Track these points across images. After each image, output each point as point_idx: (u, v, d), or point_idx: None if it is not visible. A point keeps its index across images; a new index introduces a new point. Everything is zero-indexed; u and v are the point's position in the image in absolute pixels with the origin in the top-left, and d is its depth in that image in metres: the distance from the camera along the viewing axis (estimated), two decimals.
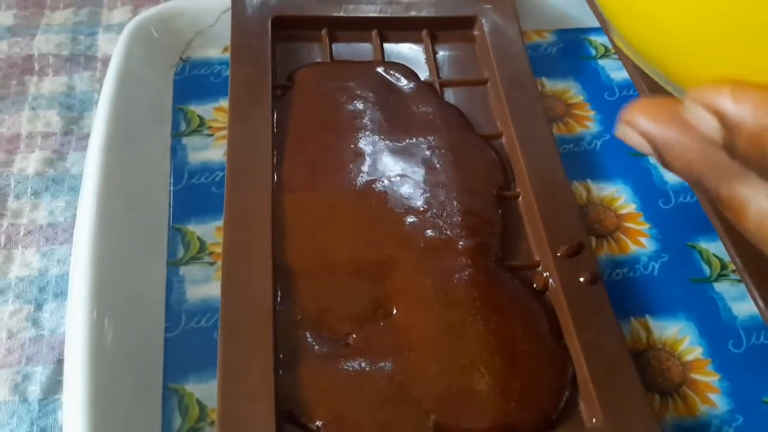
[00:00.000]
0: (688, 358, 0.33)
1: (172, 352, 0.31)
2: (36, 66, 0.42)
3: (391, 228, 0.34)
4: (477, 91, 0.42)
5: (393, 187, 0.36)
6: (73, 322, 0.30)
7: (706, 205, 0.35)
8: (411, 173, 0.37)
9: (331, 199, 0.35)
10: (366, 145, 0.38)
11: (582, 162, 0.40)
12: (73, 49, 0.43)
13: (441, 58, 0.43)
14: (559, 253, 0.33)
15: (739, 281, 0.35)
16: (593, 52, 0.46)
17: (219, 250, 0.34)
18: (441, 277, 0.33)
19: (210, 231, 0.35)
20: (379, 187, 0.36)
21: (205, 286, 0.33)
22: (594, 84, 0.44)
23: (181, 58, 0.43)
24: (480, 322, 0.31)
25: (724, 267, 0.36)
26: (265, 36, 0.41)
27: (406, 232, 0.34)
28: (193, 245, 0.35)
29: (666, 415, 0.31)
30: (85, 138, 0.38)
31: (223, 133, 0.39)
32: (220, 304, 0.30)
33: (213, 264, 0.34)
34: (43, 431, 0.30)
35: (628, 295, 0.34)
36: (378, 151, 0.38)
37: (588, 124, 0.42)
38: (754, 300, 0.32)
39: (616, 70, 0.45)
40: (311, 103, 0.39)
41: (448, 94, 0.41)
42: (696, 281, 0.35)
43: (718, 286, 0.35)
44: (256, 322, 0.30)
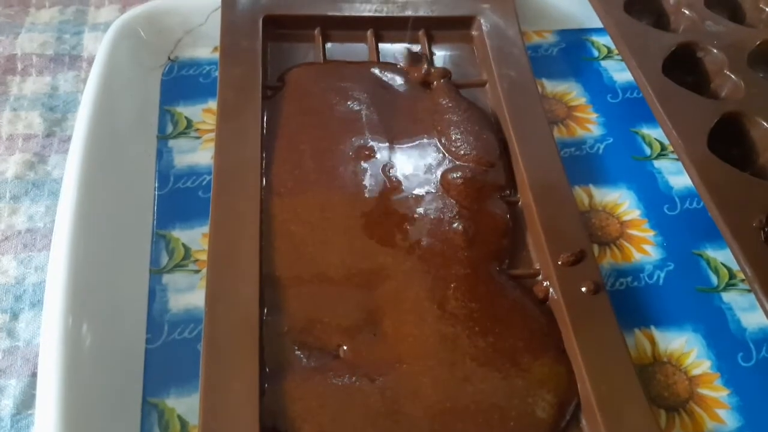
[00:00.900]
0: (696, 372, 0.31)
1: (152, 364, 0.30)
2: (19, 66, 0.41)
3: (385, 235, 0.33)
4: (476, 93, 0.40)
5: (388, 192, 0.35)
6: (48, 332, 0.29)
7: (714, 211, 0.34)
8: (407, 177, 0.35)
9: (322, 204, 0.34)
10: (359, 148, 0.36)
11: (584, 166, 0.38)
12: (57, 48, 0.42)
13: (438, 59, 0.42)
14: (560, 262, 0.32)
15: (749, 291, 0.34)
16: (596, 53, 0.45)
17: (204, 257, 0.32)
18: (437, 286, 0.31)
19: (195, 237, 0.34)
20: (373, 191, 0.35)
21: (189, 295, 0.32)
22: (596, 86, 0.43)
23: (169, 58, 0.41)
24: (477, 334, 0.30)
25: (732, 276, 0.34)
26: (255, 35, 0.39)
27: (402, 239, 0.33)
28: (177, 252, 0.33)
29: None
30: (67, 140, 0.36)
31: (211, 135, 0.37)
32: (204, 314, 0.29)
33: (198, 272, 0.33)
34: None
35: (632, 305, 0.33)
36: (372, 154, 0.36)
37: (590, 126, 0.41)
38: (765, 311, 0.30)
39: (619, 72, 0.44)
40: (302, 105, 0.38)
41: None
42: (703, 291, 0.34)
43: (726, 296, 0.34)
44: (241, 334, 0.28)
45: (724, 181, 0.34)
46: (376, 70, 0.40)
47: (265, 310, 0.30)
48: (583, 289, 0.31)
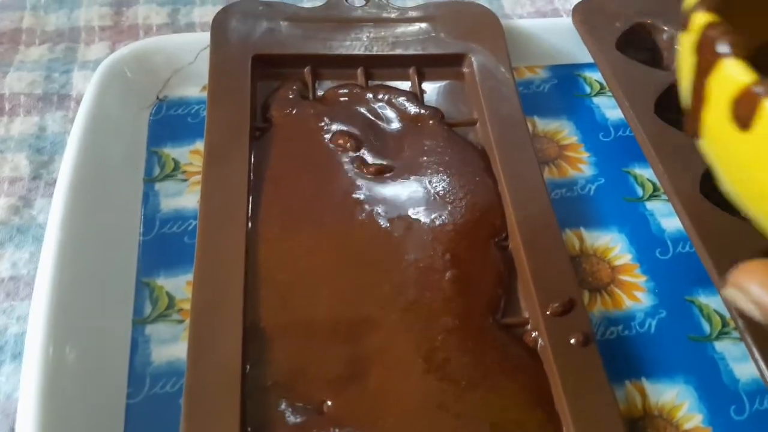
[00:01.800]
0: (688, 426, 0.30)
1: (133, 420, 0.29)
2: (6, 106, 0.41)
3: (373, 284, 0.32)
4: (467, 131, 0.40)
5: (377, 239, 0.34)
6: (26, 386, 0.28)
7: (705, 257, 0.33)
8: (398, 222, 0.35)
9: (309, 251, 0.33)
10: (348, 192, 0.36)
11: (575, 208, 0.38)
12: (46, 87, 0.42)
13: (428, 96, 0.41)
14: (549, 311, 0.31)
15: (741, 340, 0.33)
16: (588, 90, 0.45)
17: (188, 306, 0.32)
18: (426, 339, 0.31)
19: (180, 285, 0.33)
20: (361, 238, 0.34)
21: (172, 346, 0.31)
22: (588, 123, 0.43)
23: (157, 97, 0.41)
24: (466, 389, 0.29)
25: (725, 324, 0.34)
26: (245, 75, 0.39)
27: (390, 288, 0.32)
28: (161, 301, 0.33)
29: None
30: (54, 183, 0.36)
31: (199, 178, 0.37)
32: (186, 369, 0.28)
33: (182, 322, 0.32)
34: None
35: (623, 355, 0.32)
36: (363, 196, 0.36)
37: (581, 167, 0.40)
38: (755, 362, 0.30)
39: (612, 109, 0.43)
40: (290, 147, 0.37)
41: None
42: (695, 339, 0.33)
43: (719, 345, 0.33)
44: (222, 389, 0.28)
45: (717, 227, 0.33)
46: (365, 110, 0.40)
47: (247, 364, 0.29)
48: (573, 340, 0.30)
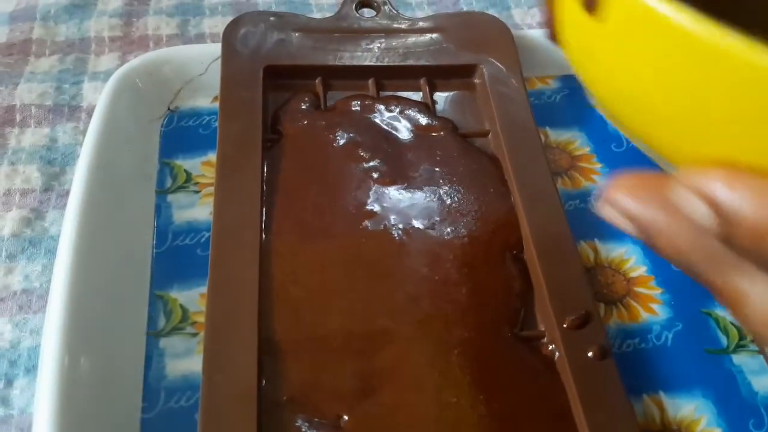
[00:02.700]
0: None
1: None
2: (17, 117, 0.41)
3: (388, 297, 0.32)
4: (478, 143, 0.40)
5: (391, 252, 0.34)
6: (40, 400, 0.28)
7: None
8: (412, 235, 0.35)
9: (322, 263, 0.33)
10: (361, 202, 0.36)
11: (588, 220, 0.38)
12: (56, 98, 0.42)
13: (440, 107, 0.41)
14: (565, 324, 0.31)
15: (759, 352, 0.33)
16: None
17: (202, 319, 0.31)
18: (442, 353, 0.30)
19: (194, 298, 0.33)
20: (375, 251, 0.34)
21: (186, 360, 0.31)
22: (600, 134, 0.42)
23: (169, 109, 0.41)
24: (483, 403, 0.29)
25: (742, 337, 0.33)
26: (256, 86, 0.39)
27: (405, 302, 0.32)
28: (175, 314, 0.33)
29: None
30: (66, 195, 0.36)
31: (211, 189, 0.37)
32: (201, 384, 0.28)
33: (196, 335, 0.32)
34: None
35: (640, 368, 0.32)
36: (376, 208, 0.36)
37: (595, 177, 0.40)
38: None
39: None
40: (302, 158, 0.37)
41: None
42: (712, 352, 0.33)
43: (737, 358, 0.33)
44: (238, 404, 0.28)
45: None
46: (376, 120, 0.40)
47: (263, 379, 0.29)
48: (590, 354, 0.30)
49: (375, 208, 0.35)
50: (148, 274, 0.34)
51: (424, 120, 0.40)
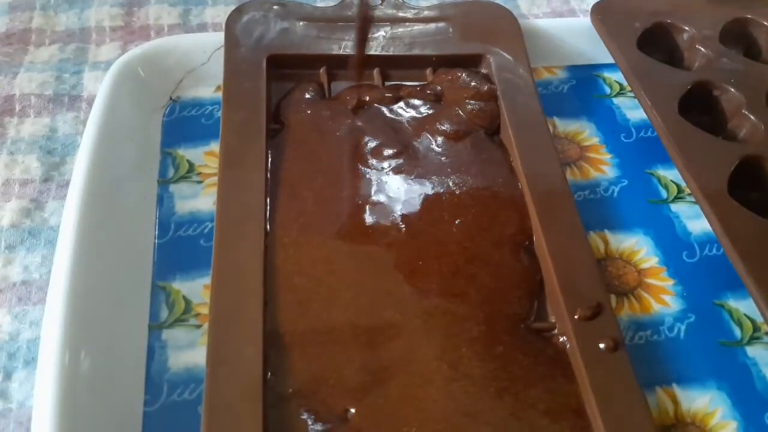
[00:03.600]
0: None
1: (150, 428, 0.28)
2: (17, 107, 0.40)
3: (395, 289, 0.32)
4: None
5: (398, 243, 0.33)
6: (40, 394, 0.27)
7: (736, 259, 0.32)
8: (420, 226, 0.34)
9: (328, 255, 0.32)
10: (368, 191, 0.35)
11: (599, 210, 0.37)
12: (56, 88, 0.41)
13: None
14: (576, 316, 0.30)
15: None
16: (607, 90, 0.44)
17: (206, 311, 0.31)
18: (450, 345, 0.30)
19: (197, 289, 0.32)
20: (383, 239, 0.33)
21: (189, 352, 0.30)
22: (609, 124, 0.42)
23: (171, 98, 0.40)
24: (493, 396, 0.28)
25: (756, 329, 0.33)
26: (259, 76, 0.38)
27: (413, 293, 0.31)
28: (177, 306, 0.32)
29: None
30: (66, 185, 0.35)
31: (214, 179, 0.36)
32: (205, 377, 0.27)
33: (199, 327, 0.31)
34: None
35: (653, 361, 0.31)
36: (382, 198, 0.35)
37: (604, 168, 0.39)
38: None
39: (633, 110, 0.42)
40: (306, 147, 0.37)
41: None
42: (726, 345, 0.32)
43: (751, 351, 0.32)
44: (243, 398, 0.27)
45: (747, 229, 0.32)
46: (382, 110, 0.39)
47: (268, 371, 0.28)
48: (602, 345, 0.30)
49: (381, 199, 0.35)
50: (150, 265, 0.33)
51: (431, 110, 0.39)
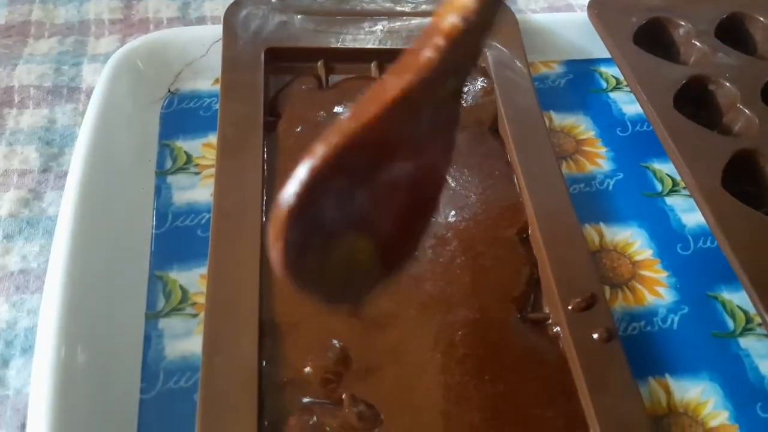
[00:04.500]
0: (713, 423, 0.30)
1: (147, 415, 0.28)
2: (16, 98, 0.40)
3: (393, 279, 0.32)
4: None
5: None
6: (38, 380, 0.27)
7: (729, 252, 0.33)
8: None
9: None
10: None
11: (594, 203, 0.37)
12: (56, 80, 0.41)
13: None
14: (570, 307, 0.31)
15: (766, 336, 0.32)
16: (604, 85, 0.44)
17: (202, 300, 0.31)
18: (447, 334, 0.30)
19: (194, 279, 0.33)
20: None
21: (185, 341, 0.31)
22: (605, 118, 0.42)
23: (169, 90, 0.41)
24: (489, 383, 0.29)
25: (749, 320, 0.33)
26: (257, 69, 0.39)
27: (411, 284, 0.32)
28: (174, 295, 0.32)
29: None
30: (64, 176, 0.35)
31: (211, 171, 0.36)
32: (201, 365, 0.27)
33: (195, 316, 0.31)
34: None
35: (646, 351, 0.32)
36: (377, 186, 0.35)
37: (599, 161, 0.40)
38: None
39: (629, 104, 0.43)
40: (302, 139, 0.37)
41: None
42: (719, 336, 0.33)
43: (744, 342, 0.32)
44: (238, 385, 0.27)
45: (740, 222, 0.33)
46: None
47: (263, 360, 0.28)
48: (595, 336, 0.30)
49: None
50: (147, 255, 0.33)
51: None
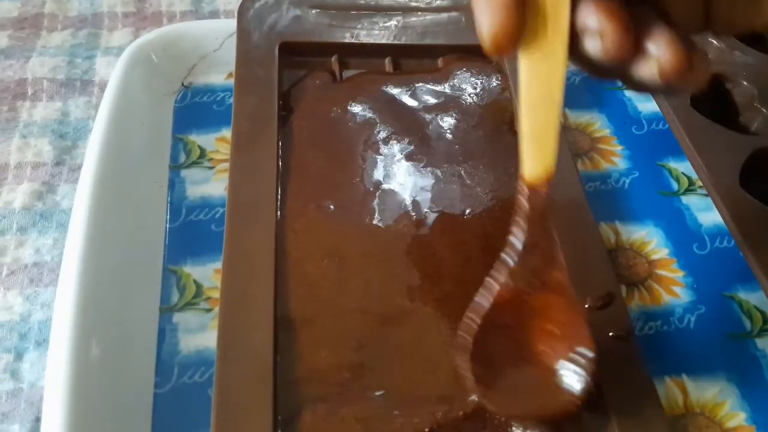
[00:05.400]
0: (730, 424, 0.30)
1: (161, 410, 0.28)
2: (29, 90, 0.40)
3: (406, 275, 0.32)
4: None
5: (411, 227, 0.33)
6: (53, 375, 0.27)
7: (747, 251, 0.32)
8: (431, 211, 0.34)
9: (337, 242, 0.32)
10: (379, 178, 0.35)
11: (609, 202, 0.37)
12: (69, 72, 0.41)
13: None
14: (587, 305, 0.30)
15: None
16: (619, 82, 0.44)
17: (217, 295, 0.31)
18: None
19: (207, 273, 0.32)
20: (391, 229, 0.33)
21: (200, 335, 0.30)
22: (620, 116, 0.42)
23: (182, 84, 0.40)
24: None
25: (766, 321, 0.33)
26: (271, 63, 0.38)
27: (422, 280, 0.31)
28: (188, 289, 0.32)
29: None
30: (77, 169, 0.35)
31: (225, 165, 0.36)
32: (216, 360, 0.27)
33: (210, 311, 0.31)
34: None
35: (663, 351, 0.31)
36: (393, 185, 0.35)
37: (615, 160, 0.39)
38: None
39: (644, 102, 0.42)
40: (317, 134, 0.37)
41: None
42: (736, 336, 0.32)
43: (761, 343, 0.32)
44: (254, 381, 0.27)
45: (758, 222, 0.32)
46: (395, 95, 0.39)
47: (278, 356, 0.28)
48: (612, 334, 0.30)
49: (392, 186, 0.35)
50: (161, 249, 0.33)
51: (442, 98, 0.39)
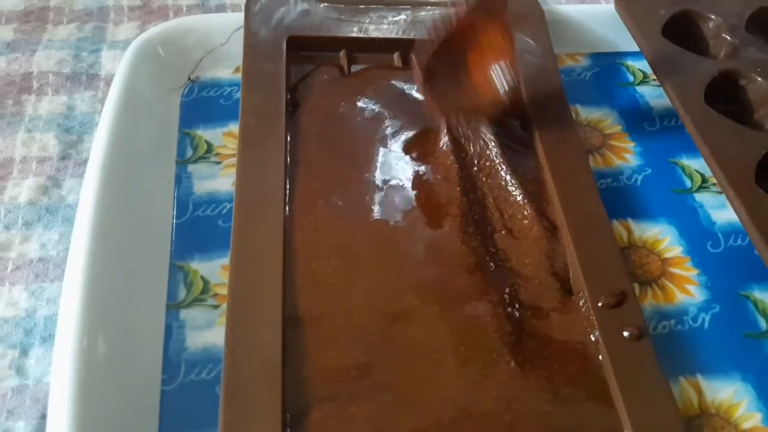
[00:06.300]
0: (746, 425, 0.29)
1: (168, 408, 0.28)
2: (35, 84, 0.40)
3: (415, 273, 0.31)
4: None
5: (420, 225, 0.33)
6: (58, 371, 0.27)
7: (763, 249, 0.32)
8: (442, 208, 0.33)
9: (346, 239, 0.32)
10: (387, 176, 0.35)
11: (622, 199, 0.37)
12: (74, 66, 0.41)
13: None
14: (600, 304, 0.30)
15: None
16: (631, 78, 0.43)
17: (224, 291, 0.31)
18: (467, 331, 0.29)
19: (215, 269, 0.32)
20: (400, 226, 0.33)
21: (207, 332, 0.30)
22: (632, 113, 0.41)
23: (189, 78, 0.40)
24: (520, 380, 0.28)
25: None
26: (279, 58, 0.38)
27: (431, 278, 0.31)
28: (195, 285, 0.31)
29: None
30: (83, 163, 0.35)
31: (232, 160, 0.36)
32: (224, 358, 0.27)
33: (217, 307, 0.31)
34: None
35: (677, 351, 0.31)
36: (402, 183, 0.34)
37: (627, 156, 0.39)
38: None
39: (656, 98, 0.42)
40: (325, 130, 0.36)
41: None
42: (751, 336, 0.32)
43: None
44: (262, 379, 0.27)
45: None
46: (405, 90, 0.39)
47: (286, 354, 0.28)
48: (626, 334, 0.29)
49: (401, 182, 0.34)
50: (168, 245, 0.33)
51: None
